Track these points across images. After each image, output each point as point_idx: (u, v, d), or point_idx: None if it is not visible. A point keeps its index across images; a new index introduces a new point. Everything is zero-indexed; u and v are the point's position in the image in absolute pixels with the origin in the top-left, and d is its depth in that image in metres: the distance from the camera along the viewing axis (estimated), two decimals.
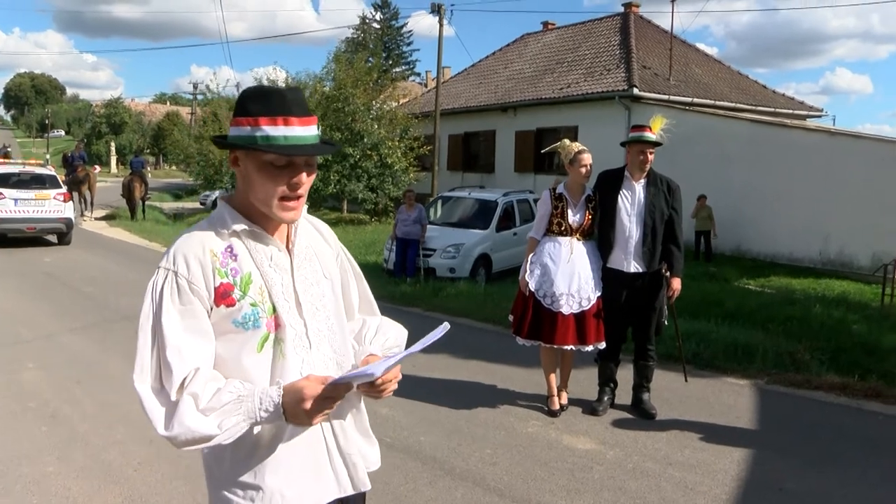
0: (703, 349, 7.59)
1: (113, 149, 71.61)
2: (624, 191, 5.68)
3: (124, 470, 4.64)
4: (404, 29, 62.66)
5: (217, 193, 33.05)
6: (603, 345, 5.72)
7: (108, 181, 45.02)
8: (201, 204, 35.20)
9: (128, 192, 22.80)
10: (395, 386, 1.91)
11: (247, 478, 1.84)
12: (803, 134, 18.16)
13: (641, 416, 5.79)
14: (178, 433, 1.69)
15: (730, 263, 17.28)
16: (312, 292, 1.94)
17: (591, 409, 5.88)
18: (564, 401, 5.93)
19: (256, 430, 1.80)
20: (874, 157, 15.80)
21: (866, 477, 4.74)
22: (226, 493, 1.87)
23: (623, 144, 5.82)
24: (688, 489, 4.48)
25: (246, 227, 1.86)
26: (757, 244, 17.98)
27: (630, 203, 5.64)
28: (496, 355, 7.45)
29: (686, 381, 6.29)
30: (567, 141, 5.88)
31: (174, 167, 56.21)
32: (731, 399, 6.33)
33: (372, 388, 1.87)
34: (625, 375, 6.05)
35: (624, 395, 6.04)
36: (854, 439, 5.49)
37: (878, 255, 15.23)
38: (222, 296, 1.80)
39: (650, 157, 5.61)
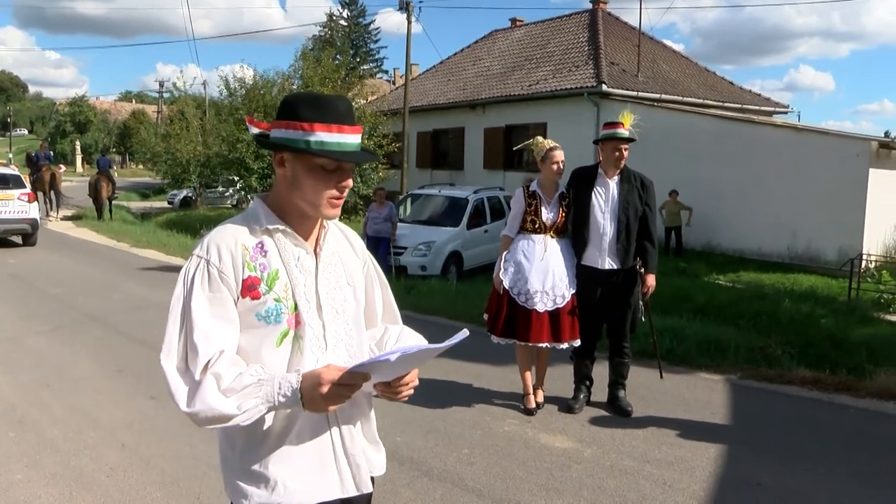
0: (677, 345, 7.63)
1: (78, 148, 70.69)
2: (597, 188, 5.67)
3: (96, 476, 4.54)
4: (372, 26, 62.42)
5: (185, 192, 32.81)
6: (578, 342, 5.71)
7: (73, 180, 44.38)
8: (169, 203, 34.86)
9: (94, 191, 22.48)
10: (411, 391, 1.98)
11: (254, 465, 1.92)
12: (771, 130, 18.35)
13: (617, 413, 5.79)
14: (199, 409, 1.77)
15: (700, 259, 17.44)
16: (334, 296, 2.01)
17: (567, 406, 5.87)
18: (540, 399, 5.91)
19: (271, 416, 1.88)
20: (840, 154, 16.02)
21: (840, 471, 4.77)
22: (235, 478, 1.95)
23: (596, 142, 5.81)
24: (666, 486, 4.48)
25: (279, 227, 1.95)
26: (726, 240, 18.15)
27: (604, 200, 5.64)
28: (470, 354, 7.40)
29: (661, 377, 6.30)
30: (539, 138, 5.87)
31: (141, 166, 55.51)
32: (706, 395, 6.36)
33: (388, 389, 1.94)
34: (600, 372, 6.04)
35: (599, 392, 6.04)
36: (827, 433, 5.54)
37: (844, 250, 15.45)
38: (248, 288, 1.88)
39: (625, 153, 5.61)
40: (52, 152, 26.31)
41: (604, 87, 21.21)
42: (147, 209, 32.65)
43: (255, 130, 2.02)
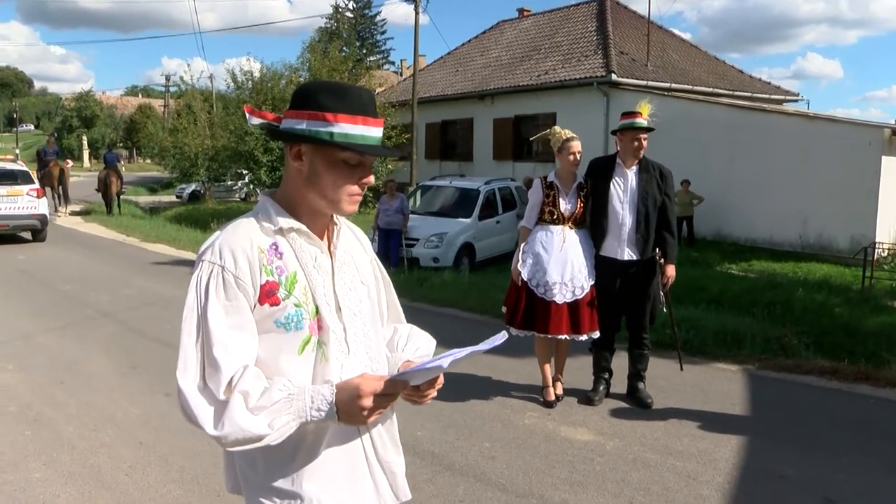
0: (693, 336, 7.56)
1: (85, 143, 70.79)
2: (616, 178, 5.60)
3: (114, 474, 4.50)
4: (378, 18, 62.26)
5: (193, 186, 32.80)
6: (597, 334, 5.65)
7: (81, 176, 44.49)
8: (177, 197, 34.89)
9: (104, 186, 22.47)
10: (435, 393, 1.86)
11: (283, 484, 1.78)
12: (781, 118, 18.24)
13: (637, 405, 5.73)
14: (228, 432, 1.63)
15: (711, 248, 17.35)
16: (351, 297, 1.89)
17: (586, 399, 5.82)
18: (560, 391, 5.86)
19: (293, 435, 1.74)
20: (852, 141, 15.89)
21: (863, 462, 4.71)
22: (262, 499, 1.80)
23: (615, 132, 5.73)
24: (690, 479, 4.42)
25: (293, 225, 1.81)
26: (737, 229, 18.06)
27: (622, 190, 5.57)
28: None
29: (682, 369, 6.24)
30: (557, 128, 5.79)
31: (148, 160, 55.59)
32: (725, 386, 6.30)
33: (415, 392, 1.82)
34: (619, 364, 5.99)
35: (618, 384, 5.99)
36: (847, 424, 5.47)
37: (856, 239, 15.35)
38: (267, 294, 1.74)
39: (644, 143, 5.54)
40: (59, 148, 26.28)
41: (613, 76, 21.07)
42: (156, 203, 32.64)
43: (255, 121, 1.88)
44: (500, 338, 1.81)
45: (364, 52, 53.68)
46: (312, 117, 1.74)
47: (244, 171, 25.07)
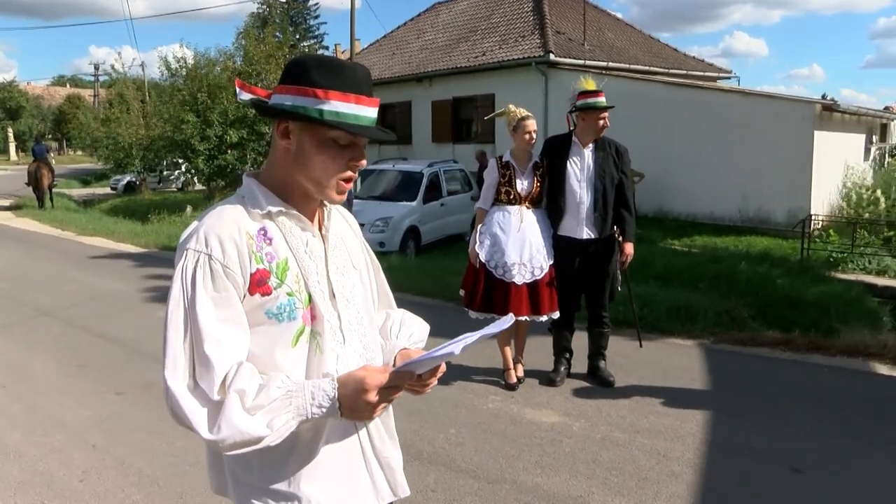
0: (648, 312, 7.60)
1: (11, 135, 68.38)
2: (573, 157, 5.56)
3: (68, 481, 4.30)
4: (310, 2, 61.35)
5: (128, 177, 31.98)
6: (557, 314, 5.62)
7: (8, 169, 43.04)
8: (112, 189, 33.93)
9: (35, 180, 21.73)
10: (435, 382, 1.76)
11: (280, 485, 1.69)
12: (718, 95, 18.50)
13: (600, 384, 5.73)
14: (226, 435, 1.51)
15: (653, 225, 17.52)
16: (343, 283, 1.79)
17: (548, 380, 5.79)
18: (521, 373, 5.82)
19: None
20: (786, 117, 16.20)
21: (824, 430, 4.79)
22: (255, 501, 1.70)
23: (573, 111, 5.65)
24: (660, 456, 4.43)
25: (282, 209, 1.70)
26: (678, 205, 18.28)
27: (580, 168, 5.53)
28: (442, 330, 7.19)
29: (641, 346, 6.25)
30: (511, 107, 5.72)
31: (80, 152, 54.02)
32: (683, 361, 6.34)
33: (416, 382, 1.71)
34: (579, 343, 5.97)
35: (578, 364, 5.98)
36: (805, 393, 5.56)
37: (793, 212, 15.69)
38: (258, 283, 1.63)
39: (606, 119, 5.51)
40: None
41: (551, 56, 21.08)
42: (90, 196, 31.74)
43: (245, 96, 1.75)
44: (508, 320, 1.78)
45: (298, 37, 52.89)
46: (302, 93, 1.63)
47: (180, 161, 24.45)
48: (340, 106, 1.62)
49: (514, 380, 5.70)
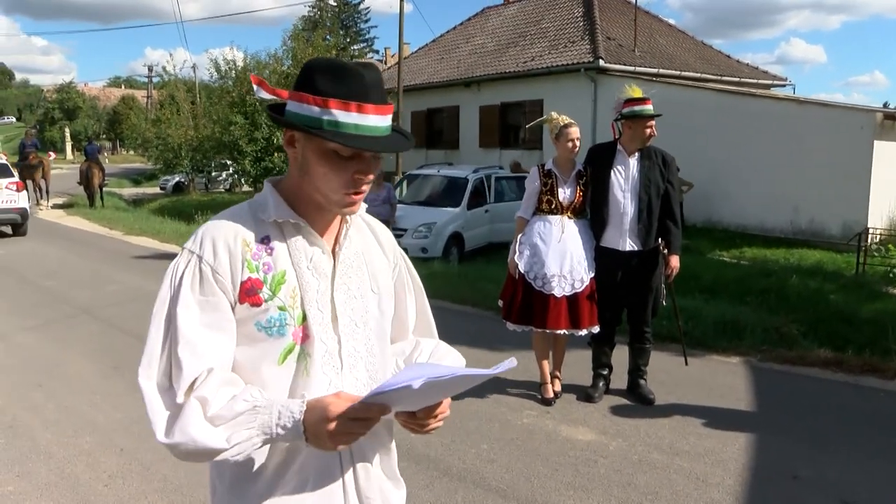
0: (693, 327, 7.35)
1: (68, 135, 70.01)
2: (617, 165, 5.38)
3: (93, 485, 4.25)
4: (361, 6, 61.71)
5: (177, 178, 32.44)
6: (597, 328, 5.44)
7: (63, 168, 43.90)
8: (161, 189, 34.46)
9: (86, 179, 22.10)
10: (440, 423, 1.60)
11: (244, 502, 1.59)
12: (771, 103, 18.07)
13: (639, 401, 5.53)
14: (178, 441, 1.44)
15: (701, 235, 17.16)
16: (353, 306, 1.66)
17: (586, 395, 5.61)
18: (558, 388, 5.65)
19: (267, 447, 1.55)
20: (843, 126, 15.73)
21: (879, 460, 4.53)
22: None
23: (619, 119, 5.47)
24: (699, 481, 4.23)
25: (290, 219, 1.61)
26: (728, 215, 17.90)
27: (624, 178, 5.35)
28: (479, 340, 7.15)
29: (686, 363, 6.02)
30: (554, 114, 5.56)
31: (131, 152, 54.99)
32: (728, 380, 6.11)
33: (412, 420, 1.58)
34: (619, 358, 5.78)
35: (617, 379, 5.78)
36: (858, 419, 5.29)
37: (848, 224, 15.22)
38: (247, 293, 1.55)
39: (653, 128, 5.33)
40: (38, 140, 25.85)
41: (601, 62, 20.86)
42: (139, 195, 32.24)
43: (263, 94, 1.66)
44: (507, 364, 1.51)
45: (348, 40, 53.19)
46: (304, 100, 1.54)
47: (228, 162, 24.68)
48: (340, 115, 1.51)
49: (551, 394, 5.54)
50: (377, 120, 1.54)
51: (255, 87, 1.68)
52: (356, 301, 1.67)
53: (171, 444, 1.45)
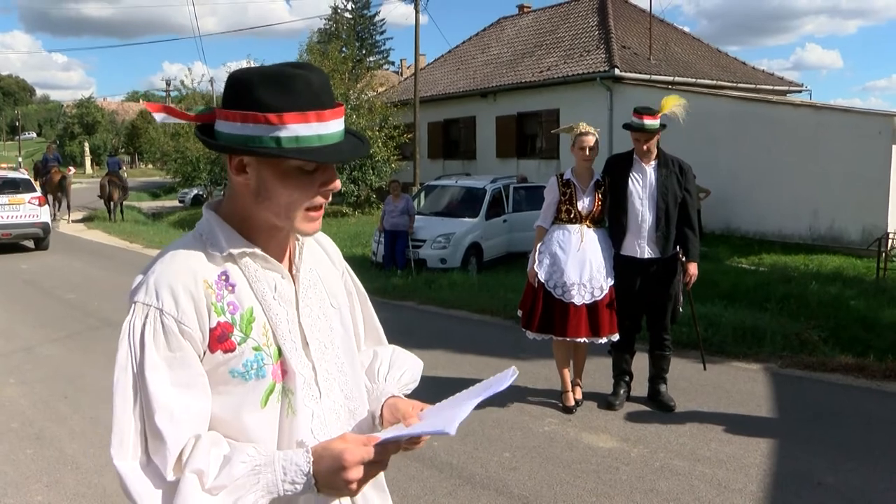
0: (712, 334, 7.36)
1: (87, 149, 70.68)
2: (634, 174, 5.41)
3: (121, 496, 4.25)
4: (377, 18, 62.04)
5: (195, 191, 32.69)
6: (616, 336, 5.47)
7: (83, 182, 44.35)
8: (180, 202, 34.72)
9: (106, 193, 22.32)
10: (425, 438, 1.55)
11: None
12: (788, 109, 17.99)
13: (660, 408, 5.54)
14: None
15: (720, 242, 17.11)
16: (319, 327, 1.56)
17: (606, 403, 5.63)
18: (579, 396, 5.67)
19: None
20: (861, 131, 15.63)
21: None
22: None
23: (625, 128, 5.52)
24: (721, 487, 4.23)
25: (245, 250, 1.46)
26: (746, 222, 17.82)
27: (641, 186, 5.38)
28: (499, 348, 7.18)
29: (705, 368, 6.03)
30: (578, 123, 5.60)
31: (150, 166, 55.49)
32: (748, 386, 6.10)
33: (409, 441, 1.51)
34: (639, 366, 5.79)
35: (638, 386, 5.80)
36: (882, 425, 5.27)
37: (868, 229, 15.13)
38: (219, 339, 1.40)
39: (650, 144, 5.34)
40: (59, 154, 26.11)
41: (616, 71, 20.86)
42: (158, 209, 32.52)
43: (168, 119, 1.48)
44: (511, 375, 1.53)
45: (364, 52, 53.47)
46: (251, 119, 1.36)
47: None
48: (300, 129, 1.36)
49: (572, 402, 5.56)
50: (336, 125, 1.42)
51: (157, 115, 1.49)
52: (320, 321, 1.57)
53: None
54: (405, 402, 1.63)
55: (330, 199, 1.49)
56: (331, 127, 1.40)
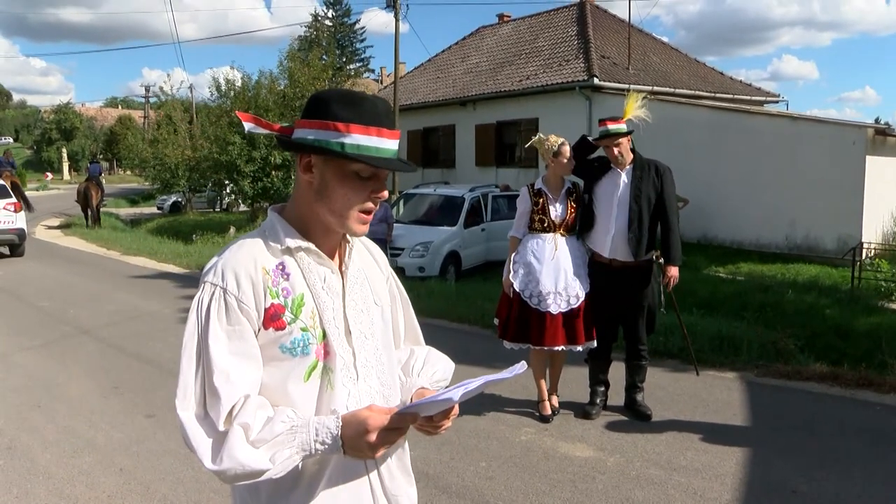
0: (686, 345, 7.37)
1: (65, 155, 70.10)
2: (609, 178, 5.44)
3: None
4: (357, 26, 62.12)
5: (174, 198, 32.49)
6: (594, 344, 5.48)
7: (60, 188, 43.96)
8: (158, 209, 34.53)
9: (84, 198, 22.14)
10: (450, 423, 1.76)
11: None
12: (765, 119, 18.16)
13: (636, 417, 5.56)
14: (227, 467, 1.53)
15: (697, 251, 17.20)
16: (362, 319, 1.78)
17: (583, 412, 5.63)
18: (556, 405, 5.68)
19: (299, 465, 1.63)
20: (836, 142, 15.82)
21: (877, 474, 4.55)
22: None
23: (596, 141, 5.55)
24: (697, 496, 4.25)
25: (301, 244, 1.71)
26: (723, 231, 17.95)
27: (615, 190, 5.39)
28: (477, 358, 7.17)
29: (697, 374, 6.10)
30: (542, 135, 5.63)
31: (129, 172, 55.12)
32: (724, 395, 6.13)
33: (428, 423, 1.72)
34: (615, 375, 5.81)
35: (615, 395, 5.81)
36: (855, 433, 5.31)
37: (843, 239, 15.30)
38: (272, 318, 1.64)
39: (620, 147, 5.36)
40: (14, 160, 25.69)
41: (595, 80, 20.98)
42: (136, 215, 32.31)
43: (259, 130, 1.76)
44: (520, 367, 1.74)
45: (344, 60, 53.49)
46: (323, 126, 1.65)
47: (226, 182, 24.72)
48: (361, 139, 1.63)
49: (549, 412, 5.56)
50: (391, 143, 1.68)
51: (246, 124, 1.78)
52: (363, 315, 1.78)
53: (220, 469, 1.53)
54: (426, 392, 1.87)
55: (378, 206, 1.73)
56: (387, 143, 1.67)
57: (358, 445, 1.57)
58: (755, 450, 4.93)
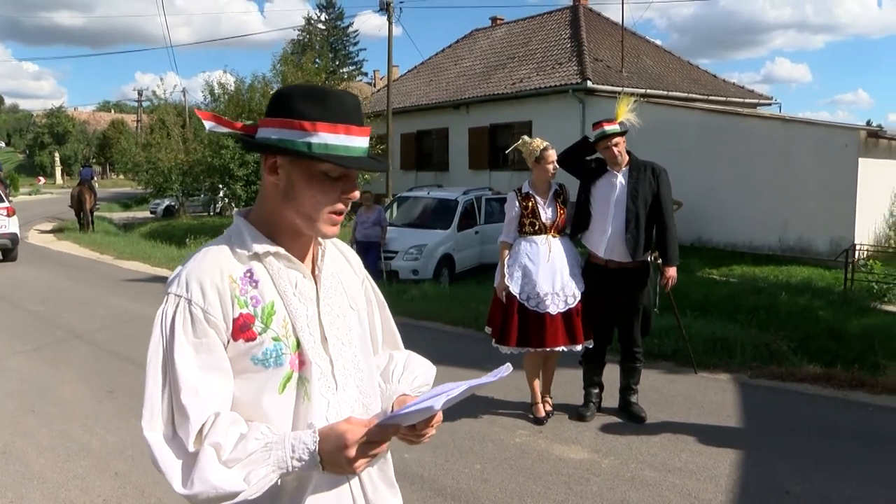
0: (683, 345, 7.41)
1: (58, 159, 69.92)
2: (604, 179, 5.46)
3: None
4: (350, 29, 62.08)
5: (167, 202, 32.42)
6: (591, 343, 5.49)
7: (53, 192, 43.86)
8: (151, 213, 34.46)
9: (77, 203, 22.09)
10: (434, 431, 1.66)
11: None
12: (758, 122, 18.22)
13: (631, 419, 5.57)
14: (199, 490, 1.44)
15: (691, 254, 17.22)
16: (338, 325, 1.70)
17: (577, 414, 5.64)
18: (549, 407, 5.69)
19: (278, 482, 1.55)
20: (829, 144, 15.88)
21: (870, 475, 4.57)
22: None
23: (594, 144, 5.57)
24: (692, 497, 4.26)
25: (269, 249, 1.62)
26: (717, 234, 17.99)
27: (612, 191, 5.41)
28: (471, 360, 7.18)
29: (696, 372, 6.12)
30: (526, 138, 5.66)
31: (122, 176, 54.97)
32: (718, 397, 6.15)
33: (411, 431, 1.62)
34: (609, 377, 5.82)
35: (609, 397, 5.82)
36: (849, 434, 5.33)
37: (835, 241, 15.35)
38: (241, 329, 1.55)
39: (618, 147, 5.38)
40: (1, 164, 25.62)
41: (588, 83, 21.02)
42: (129, 219, 32.24)
43: (219, 129, 1.67)
44: (505, 370, 1.67)
45: (337, 63, 53.46)
46: (288, 125, 1.56)
47: (219, 186, 24.70)
48: (329, 138, 1.56)
49: (543, 414, 5.57)
50: (361, 141, 1.60)
51: (206, 123, 1.68)
52: (340, 320, 1.71)
53: (191, 493, 1.45)
54: (408, 398, 1.76)
55: (349, 207, 1.65)
56: (356, 142, 1.59)
57: (336, 460, 1.49)
58: (749, 451, 4.94)
